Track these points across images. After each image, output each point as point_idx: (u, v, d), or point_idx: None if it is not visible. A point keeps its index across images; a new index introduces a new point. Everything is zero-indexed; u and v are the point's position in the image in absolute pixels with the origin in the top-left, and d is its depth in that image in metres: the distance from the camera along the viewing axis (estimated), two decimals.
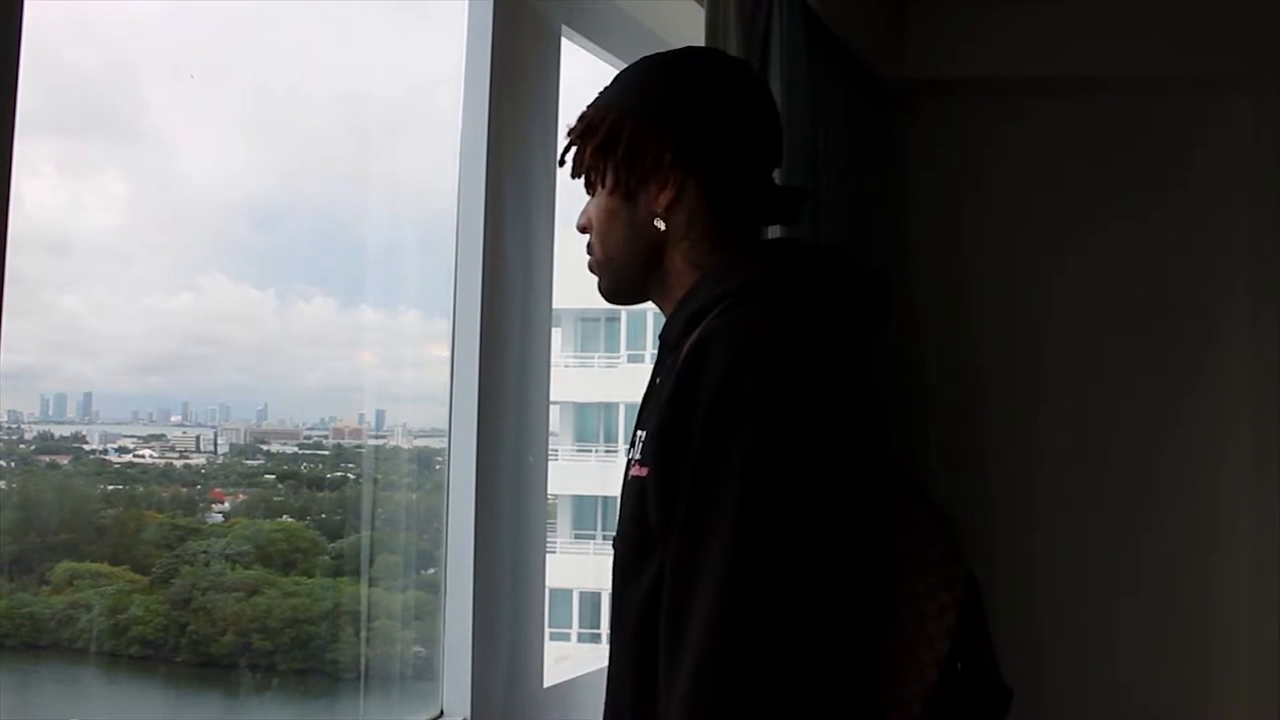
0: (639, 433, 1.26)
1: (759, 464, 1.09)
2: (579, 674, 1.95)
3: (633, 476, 1.22)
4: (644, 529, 1.18)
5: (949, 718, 1.21)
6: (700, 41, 1.76)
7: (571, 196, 1.88)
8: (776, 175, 1.39)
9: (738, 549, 1.08)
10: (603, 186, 1.30)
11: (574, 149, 1.33)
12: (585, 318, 2.78)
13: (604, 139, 1.29)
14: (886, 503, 1.24)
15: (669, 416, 1.14)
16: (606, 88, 1.37)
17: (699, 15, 1.78)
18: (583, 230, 1.36)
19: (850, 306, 1.27)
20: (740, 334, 1.14)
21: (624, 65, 1.99)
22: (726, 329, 1.15)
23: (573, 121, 1.36)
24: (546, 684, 1.81)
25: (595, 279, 1.37)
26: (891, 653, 1.20)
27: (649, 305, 1.41)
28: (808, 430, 1.12)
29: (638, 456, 1.22)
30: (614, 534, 1.31)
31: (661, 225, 1.28)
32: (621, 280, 1.34)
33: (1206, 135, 2.73)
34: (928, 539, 1.26)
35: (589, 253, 1.36)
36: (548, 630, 1.87)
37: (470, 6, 1.71)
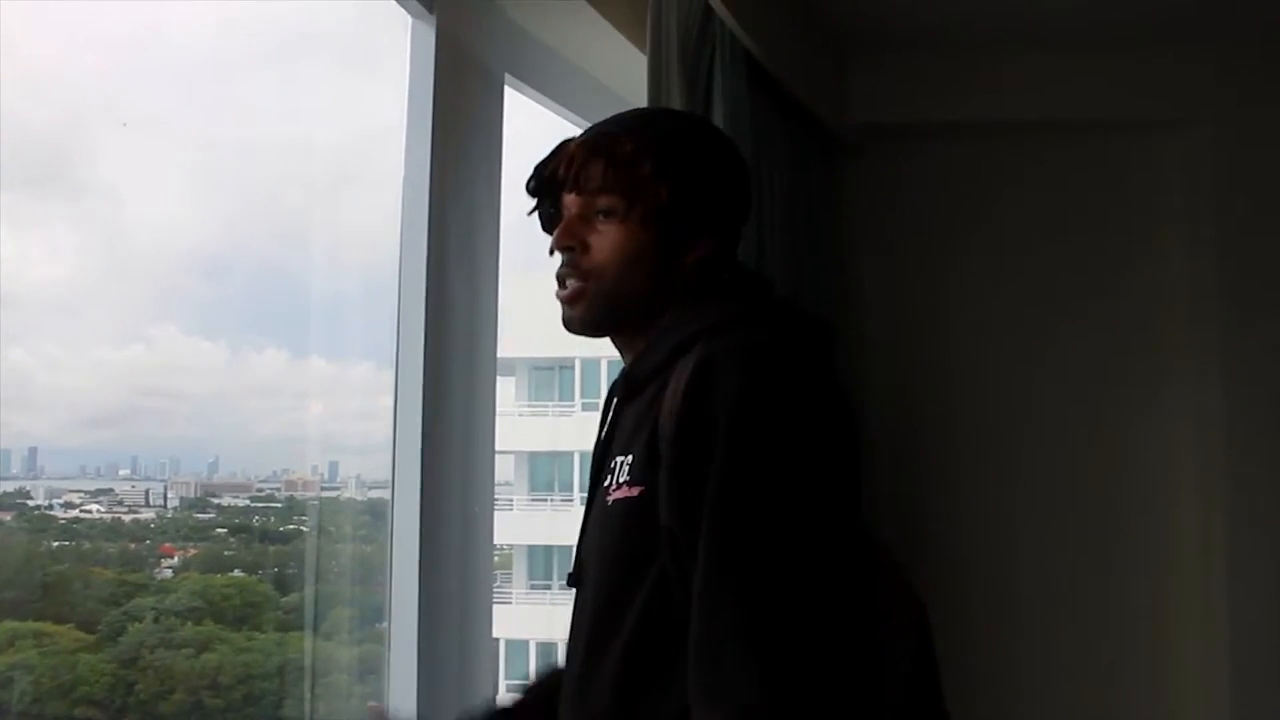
0: (618, 459, 1.27)
1: (784, 471, 1.15)
2: None
3: (616, 500, 1.24)
4: (636, 549, 1.21)
5: None
6: (643, 88, 1.80)
7: (515, 246, 1.89)
8: None
9: (772, 561, 1.13)
10: (643, 220, 1.30)
11: (611, 169, 1.30)
12: (537, 366, 2.78)
13: (675, 179, 1.30)
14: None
15: (681, 428, 1.17)
16: (638, 125, 1.36)
17: (641, 63, 1.82)
18: (566, 249, 1.31)
19: (813, 344, 1.33)
20: (746, 352, 1.20)
21: (569, 112, 2.05)
22: (730, 349, 1.21)
23: (582, 139, 1.34)
24: None
25: (567, 305, 1.33)
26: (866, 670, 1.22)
27: (603, 354, 1.41)
28: (822, 441, 1.19)
29: (624, 479, 1.24)
30: (571, 571, 1.32)
31: (687, 275, 1.31)
32: (616, 314, 1.32)
33: (1144, 178, 2.80)
34: (885, 564, 1.31)
35: (579, 277, 1.31)
36: (503, 682, 1.85)
37: (412, 54, 1.73)
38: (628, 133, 1.33)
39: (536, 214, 1.37)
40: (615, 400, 1.36)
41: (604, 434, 1.36)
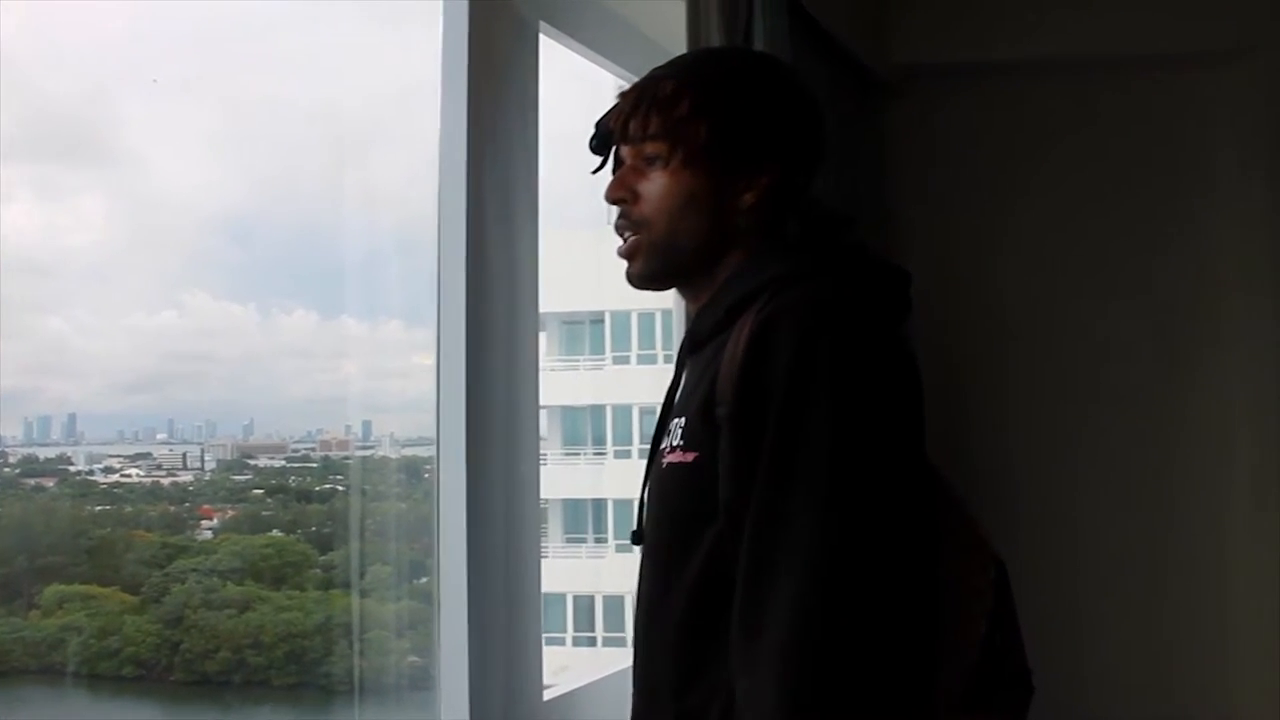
0: (675, 420, 1.24)
1: (842, 433, 1.11)
2: (578, 685, 1.92)
3: (670, 464, 1.22)
4: (690, 514, 1.19)
5: (985, 701, 1.21)
6: (681, 32, 1.75)
7: (553, 198, 1.86)
8: None
9: (826, 521, 1.09)
10: (687, 163, 1.24)
11: (652, 114, 1.26)
12: (568, 320, 2.76)
13: (714, 115, 1.24)
14: (932, 483, 1.25)
15: (740, 396, 1.14)
16: (684, 65, 1.35)
17: (679, 7, 1.76)
18: (618, 202, 1.28)
19: (886, 296, 1.28)
20: (808, 311, 1.16)
21: (605, 61, 1.99)
22: (792, 308, 1.16)
23: (628, 86, 1.30)
24: (547, 696, 1.79)
25: (625, 259, 1.29)
26: (936, 632, 1.20)
27: (632, 307, 1.36)
28: (883, 400, 1.15)
29: (678, 442, 1.22)
30: (635, 529, 1.31)
31: (745, 217, 1.26)
32: (674, 264, 1.28)
33: (1197, 113, 2.68)
34: (961, 522, 1.26)
35: (632, 229, 1.27)
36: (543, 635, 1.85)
37: (445, 7, 1.67)
38: (672, 74, 1.29)
39: (607, 170, 1.32)
40: (682, 356, 1.33)
41: (671, 391, 1.32)
